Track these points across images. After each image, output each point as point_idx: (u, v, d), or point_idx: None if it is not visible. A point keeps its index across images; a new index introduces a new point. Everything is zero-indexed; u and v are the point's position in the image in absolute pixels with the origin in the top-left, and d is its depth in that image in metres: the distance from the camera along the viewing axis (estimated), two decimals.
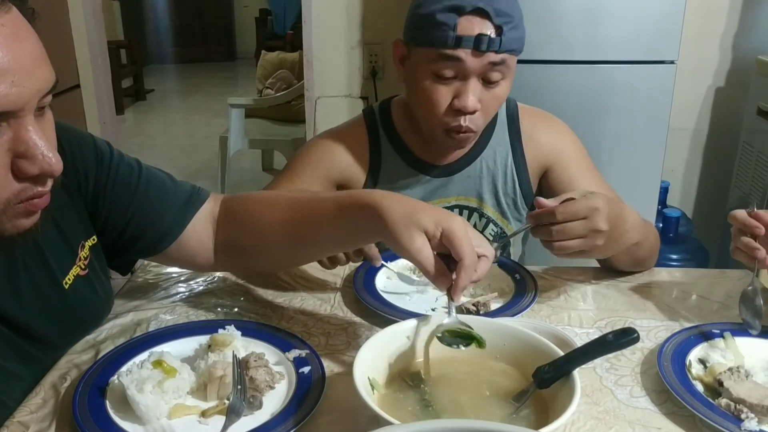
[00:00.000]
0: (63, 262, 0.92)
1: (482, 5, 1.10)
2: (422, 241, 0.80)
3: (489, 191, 1.32)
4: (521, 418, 0.76)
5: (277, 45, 6.48)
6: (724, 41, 2.55)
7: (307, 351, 0.93)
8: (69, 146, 0.92)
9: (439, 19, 1.11)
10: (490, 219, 1.33)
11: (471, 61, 1.12)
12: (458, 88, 1.15)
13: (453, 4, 1.11)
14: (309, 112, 2.69)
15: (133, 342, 0.94)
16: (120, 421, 0.79)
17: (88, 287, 0.96)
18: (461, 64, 1.12)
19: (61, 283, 0.91)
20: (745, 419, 0.79)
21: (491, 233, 1.34)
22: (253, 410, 0.82)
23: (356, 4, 2.57)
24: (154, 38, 9.24)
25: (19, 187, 0.72)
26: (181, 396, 0.83)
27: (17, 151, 0.70)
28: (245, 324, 0.99)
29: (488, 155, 1.31)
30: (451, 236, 0.79)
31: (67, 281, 0.92)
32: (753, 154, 2.43)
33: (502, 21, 1.11)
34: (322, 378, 0.86)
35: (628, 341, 0.80)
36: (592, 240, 0.97)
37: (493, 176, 1.32)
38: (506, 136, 1.31)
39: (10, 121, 0.69)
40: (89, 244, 0.97)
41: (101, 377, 0.85)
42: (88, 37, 2.77)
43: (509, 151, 1.31)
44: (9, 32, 0.67)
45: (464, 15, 1.11)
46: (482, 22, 1.11)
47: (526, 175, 1.32)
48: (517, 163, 1.31)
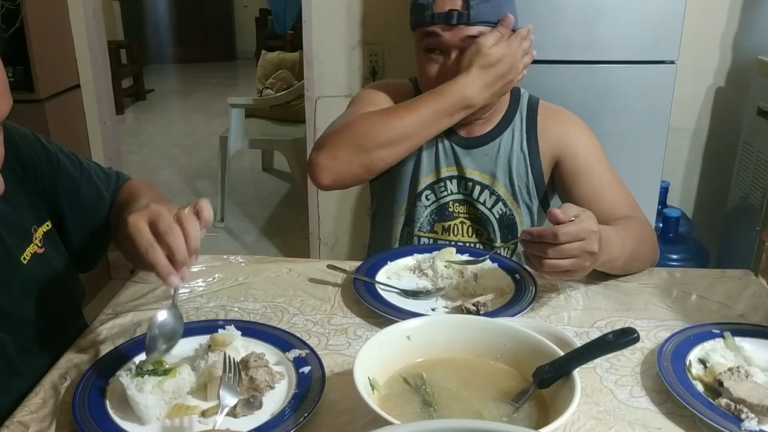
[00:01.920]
0: (19, 241, 0.98)
1: None
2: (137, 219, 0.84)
3: (503, 171, 1.36)
4: (521, 418, 0.76)
5: (277, 45, 6.48)
6: (724, 41, 2.55)
7: (307, 351, 0.93)
8: (23, 145, 1.04)
9: (420, 2, 1.26)
10: (501, 198, 1.36)
11: (447, 36, 1.25)
12: (444, 62, 1.27)
13: None
14: (309, 112, 2.69)
15: (133, 342, 0.94)
16: (120, 421, 0.79)
17: (45, 264, 1.02)
18: (440, 39, 1.25)
19: (19, 258, 0.97)
20: (745, 419, 0.79)
21: (499, 212, 1.36)
22: (253, 410, 0.82)
23: (356, 4, 2.56)
24: (154, 38, 9.24)
25: None
26: (181, 396, 0.83)
27: None
28: (245, 324, 0.99)
29: (507, 137, 1.36)
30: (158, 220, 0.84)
31: (25, 257, 0.98)
32: (753, 154, 2.43)
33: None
34: (322, 378, 0.86)
35: (628, 341, 0.80)
36: (582, 261, 0.98)
37: (509, 158, 1.36)
38: (524, 123, 1.37)
39: None
40: (43, 229, 1.03)
41: (101, 377, 0.85)
42: (88, 37, 2.77)
43: (524, 137, 1.36)
44: None
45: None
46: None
47: (538, 161, 1.36)
48: (531, 149, 1.36)
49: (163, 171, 4.81)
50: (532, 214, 1.39)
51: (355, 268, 1.18)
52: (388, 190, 1.43)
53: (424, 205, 1.39)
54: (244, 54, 9.19)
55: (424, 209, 1.39)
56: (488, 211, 1.37)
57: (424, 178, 1.37)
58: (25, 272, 0.97)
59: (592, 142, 1.35)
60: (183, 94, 7.97)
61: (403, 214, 1.41)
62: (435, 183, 1.37)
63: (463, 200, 1.38)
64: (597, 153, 1.34)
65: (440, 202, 1.38)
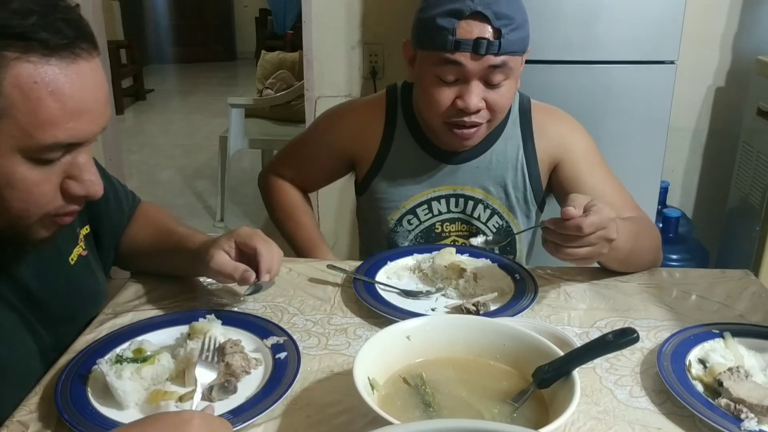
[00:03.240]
0: (68, 242, 1.00)
1: (481, 9, 1.11)
2: (219, 255, 1.01)
3: (497, 184, 1.32)
4: (521, 418, 0.76)
5: (277, 45, 6.47)
6: (724, 41, 2.55)
7: (285, 338, 0.95)
8: None
9: (439, 23, 1.13)
10: (496, 210, 1.33)
11: (471, 65, 1.13)
12: (461, 90, 1.17)
13: (452, 8, 1.12)
14: (309, 112, 2.69)
15: (117, 332, 0.97)
16: (99, 407, 0.82)
17: (89, 268, 1.05)
18: (461, 68, 1.14)
19: (67, 259, 0.99)
20: (745, 419, 0.79)
21: (495, 225, 1.34)
22: (228, 394, 0.84)
23: (356, 4, 2.56)
24: (154, 38, 9.23)
25: (60, 204, 0.81)
26: (160, 382, 0.86)
27: (70, 174, 0.80)
28: (226, 313, 1.02)
29: (499, 148, 1.31)
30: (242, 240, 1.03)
31: (72, 258, 1.00)
32: (753, 154, 2.43)
33: (501, 24, 1.11)
34: (297, 362, 0.88)
35: (627, 341, 0.80)
36: (600, 248, 0.99)
37: (503, 170, 1.32)
38: (518, 131, 1.32)
39: (72, 150, 0.78)
40: (84, 231, 1.05)
41: (84, 366, 0.88)
42: None
43: (520, 145, 1.32)
44: (96, 75, 0.78)
45: (463, 19, 1.12)
46: (481, 25, 1.12)
47: (536, 170, 1.32)
48: (528, 158, 1.32)
49: (163, 171, 4.80)
50: (531, 222, 1.37)
51: (355, 268, 1.18)
52: (369, 217, 1.41)
53: (407, 229, 1.35)
54: (244, 54, 9.18)
55: (407, 234, 1.36)
56: (483, 225, 1.34)
57: (405, 203, 1.34)
58: (73, 273, 1.00)
59: (591, 144, 1.33)
60: (183, 94, 7.97)
61: (386, 239, 1.38)
62: (417, 206, 1.34)
63: (455, 218, 1.35)
64: (596, 155, 1.32)
65: (425, 225, 1.35)
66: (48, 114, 0.73)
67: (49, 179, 0.78)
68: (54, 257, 0.96)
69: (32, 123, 0.72)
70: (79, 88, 0.75)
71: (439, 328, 0.87)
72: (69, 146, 0.77)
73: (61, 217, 0.82)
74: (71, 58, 0.74)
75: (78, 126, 0.75)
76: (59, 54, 0.73)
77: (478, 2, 1.12)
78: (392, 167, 1.33)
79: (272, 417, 0.81)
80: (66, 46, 0.73)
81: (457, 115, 1.18)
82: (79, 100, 0.75)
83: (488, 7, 1.11)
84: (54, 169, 0.78)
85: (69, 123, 0.74)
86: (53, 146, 0.75)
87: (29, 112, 0.72)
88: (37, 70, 0.71)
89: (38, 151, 0.74)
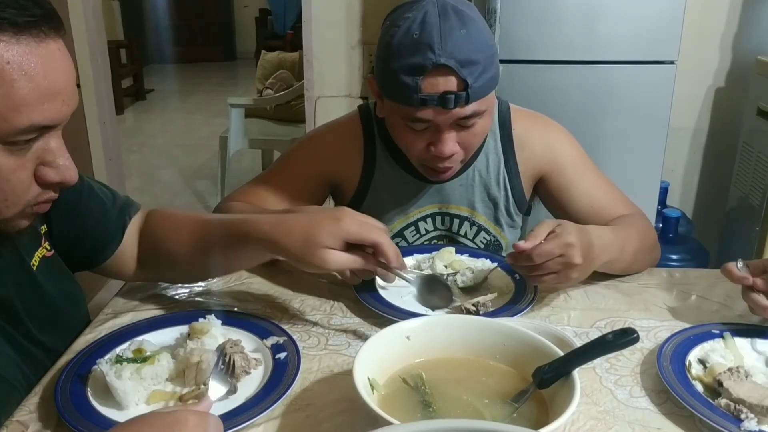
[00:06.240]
0: (28, 246, 0.95)
1: (444, 60, 1.05)
2: (332, 256, 0.90)
3: (481, 200, 1.31)
4: (521, 418, 0.76)
5: (277, 45, 6.48)
6: (724, 41, 2.55)
7: (285, 338, 0.95)
8: None
9: (402, 80, 1.08)
10: (482, 227, 1.33)
11: (439, 119, 1.10)
12: (433, 137, 1.14)
13: (414, 64, 1.07)
14: (309, 112, 2.69)
15: (117, 332, 0.97)
16: (99, 407, 0.81)
17: (56, 267, 1.00)
18: (429, 122, 1.11)
19: (29, 265, 0.95)
20: (745, 419, 0.79)
21: (482, 241, 1.34)
22: (227, 395, 0.84)
23: (356, 4, 2.56)
24: (154, 38, 9.24)
25: (38, 192, 0.79)
26: (160, 382, 0.86)
27: (44, 160, 0.77)
28: (226, 313, 1.01)
29: (481, 163, 1.29)
30: (354, 237, 0.91)
31: (34, 263, 0.96)
32: (753, 154, 2.43)
33: (467, 73, 1.06)
34: (297, 362, 0.88)
35: (627, 341, 0.80)
36: (567, 273, 0.99)
37: (486, 184, 1.30)
38: (498, 143, 1.29)
39: (45, 133, 0.75)
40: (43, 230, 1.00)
41: (84, 366, 0.88)
42: (88, 37, 2.76)
43: (501, 159, 1.29)
44: (63, 56, 0.75)
45: (427, 74, 1.06)
46: (446, 79, 1.07)
47: (518, 182, 1.30)
48: (509, 171, 1.29)
49: (163, 171, 4.81)
50: (517, 231, 1.36)
51: None
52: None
53: None
54: (244, 54, 9.19)
55: None
56: (471, 242, 1.33)
57: (393, 225, 1.31)
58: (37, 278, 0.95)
59: (577, 150, 1.29)
60: (183, 94, 7.98)
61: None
62: (405, 228, 1.32)
63: (441, 236, 1.33)
64: (584, 160, 1.29)
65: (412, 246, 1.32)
66: (22, 96, 0.70)
67: (23, 166, 0.75)
68: (15, 265, 0.92)
69: (7, 105, 0.70)
70: (50, 69, 0.72)
71: (439, 328, 0.87)
72: (43, 129, 0.74)
73: (40, 205, 0.80)
74: (40, 37, 0.71)
75: (53, 107, 0.73)
76: (29, 32, 0.70)
77: (440, 53, 1.05)
78: (378, 192, 1.31)
79: (272, 417, 0.81)
80: (35, 23, 0.71)
81: (432, 160, 1.17)
82: (51, 80, 0.72)
83: (451, 57, 1.05)
84: (28, 156, 0.75)
85: (44, 104, 0.72)
86: (29, 129, 0.72)
87: (3, 95, 0.69)
88: (9, 51, 0.69)
89: (14, 134, 0.71)
